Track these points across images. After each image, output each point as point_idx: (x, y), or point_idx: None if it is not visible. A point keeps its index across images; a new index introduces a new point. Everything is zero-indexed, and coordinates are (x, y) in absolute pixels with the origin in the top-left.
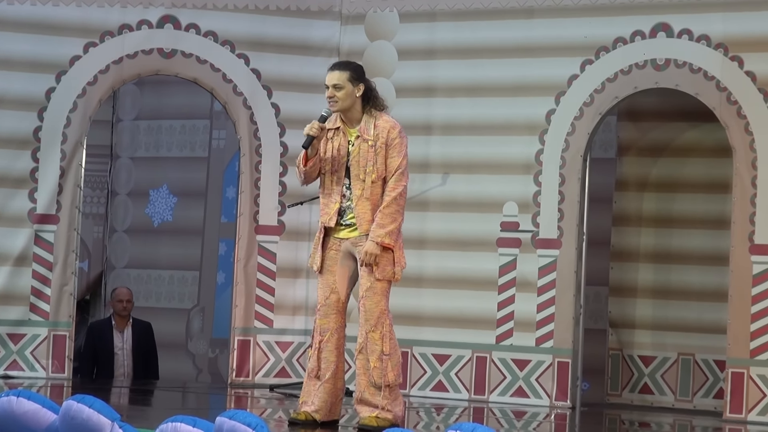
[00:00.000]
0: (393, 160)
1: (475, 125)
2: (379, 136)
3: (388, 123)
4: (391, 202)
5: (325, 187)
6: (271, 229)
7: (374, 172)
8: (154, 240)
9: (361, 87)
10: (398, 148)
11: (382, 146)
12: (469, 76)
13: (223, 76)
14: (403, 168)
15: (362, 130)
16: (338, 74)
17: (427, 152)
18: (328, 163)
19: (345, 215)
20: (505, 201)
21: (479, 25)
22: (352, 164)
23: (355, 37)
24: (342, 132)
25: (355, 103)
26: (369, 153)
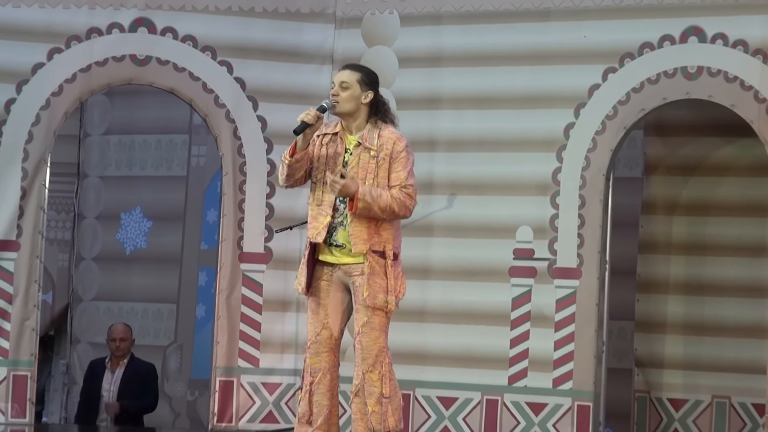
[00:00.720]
0: (398, 174)
1: (485, 140)
2: (383, 147)
3: (394, 134)
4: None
5: (315, 197)
6: (257, 256)
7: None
8: (125, 269)
9: (369, 94)
10: (404, 162)
11: (385, 158)
12: (478, 85)
13: (203, 85)
14: (412, 184)
15: (364, 138)
16: (348, 73)
17: (431, 171)
18: (321, 171)
19: (335, 233)
20: (518, 225)
21: (489, 28)
22: (350, 175)
23: (351, 42)
24: (340, 138)
25: (360, 109)
26: (370, 164)
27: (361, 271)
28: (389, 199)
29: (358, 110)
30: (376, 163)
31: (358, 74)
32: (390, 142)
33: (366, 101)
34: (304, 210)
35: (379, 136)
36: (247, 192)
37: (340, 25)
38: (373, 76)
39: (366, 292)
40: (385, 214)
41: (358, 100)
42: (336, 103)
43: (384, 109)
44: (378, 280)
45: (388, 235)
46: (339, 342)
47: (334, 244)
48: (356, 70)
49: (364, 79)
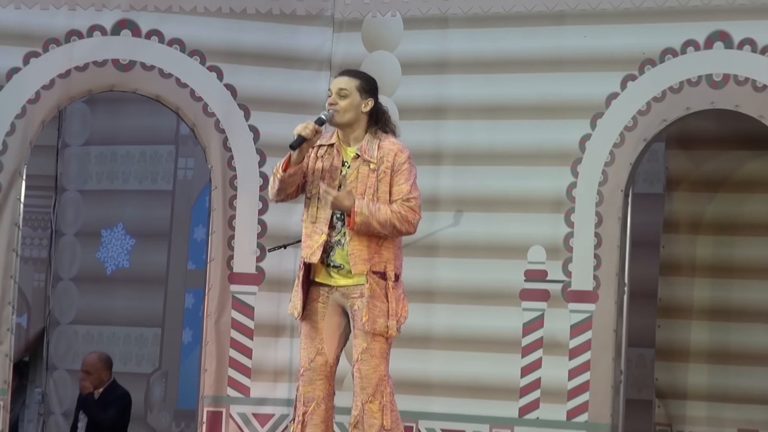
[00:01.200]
0: (400, 188)
1: (495, 153)
2: (383, 159)
3: (395, 146)
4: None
5: (310, 214)
6: (249, 277)
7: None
8: (106, 290)
9: (369, 102)
10: (406, 175)
11: (386, 171)
12: (487, 94)
13: (191, 93)
14: (415, 197)
15: (363, 150)
16: (347, 80)
17: (436, 186)
18: (316, 185)
19: (332, 253)
20: (530, 245)
21: (500, 33)
22: (348, 190)
23: (351, 46)
24: (336, 150)
25: (359, 119)
26: (370, 178)
27: (360, 293)
28: (389, 213)
29: (358, 120)
30: (376, 176)
31: (357, 81)
32: (391, 154)
33: (366, 110)
34: (299, 227)
35: (378, 147)
36: (237, 208)
37: (338, 29)
38: (372, 82)
39: (365, 317)
40: (385, 230)
41: (357, 109)
42: (335, 112)
43: (384, 118)
44: (378, 304)
45: (389, 254)
46: (334, 369)
47: (331, 265)
48: (355, 76)
49: (363, 85)
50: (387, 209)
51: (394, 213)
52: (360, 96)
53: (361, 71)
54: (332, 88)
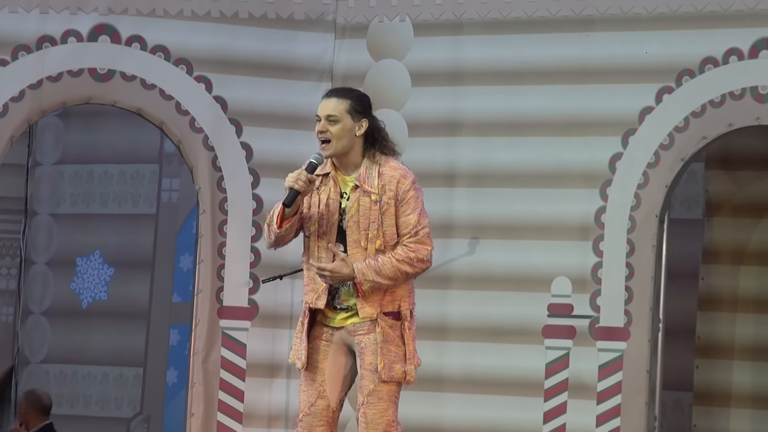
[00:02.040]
0: (407, 219)
1: (515, 174)
2: (385, 188)
3: (398, 171)
4: (403, 265)
5: (311, 255)
6: (240, 311)
7: (380, 237)
8: (82, 325)
9: (363, 124)
10: (413, 203)
11: (390, 202)
12: (507, 108)
13: (176, 105)
14: (425, 226)
15: (362, 179)
16: (335, 103)
17: (449, 210)
18: (314, 222)
19: (338, 295)
20: (554, 276)
21: (520, 40)
22: (349, 225)
23: (355, 55)
24: (333, 180)
25: (354, 144)
26: (372, 211)
27: (367, 329)
28: (394, 263)
29: (352, 145)
30: (379, 208)
31: (346, 102)
32: (393, 181)
33: (360, 133)
34: (296, 256)
35: (379, 174)
36: (228, 234)
37: (341, 35)
38: (364, 100)
39: (381, 364)
40: (399, 281)
41: (351, 134)
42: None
43: (381, 138)
44: (393, 348)
45: (403, 291)
46: (337, 415)
47: (338, 308)
48: (344, 96)
49: (354, 106)
50: (391, 260)
51: (401, 260)
52: (352, 119)
53: (350, 89)
54: (320, 113)
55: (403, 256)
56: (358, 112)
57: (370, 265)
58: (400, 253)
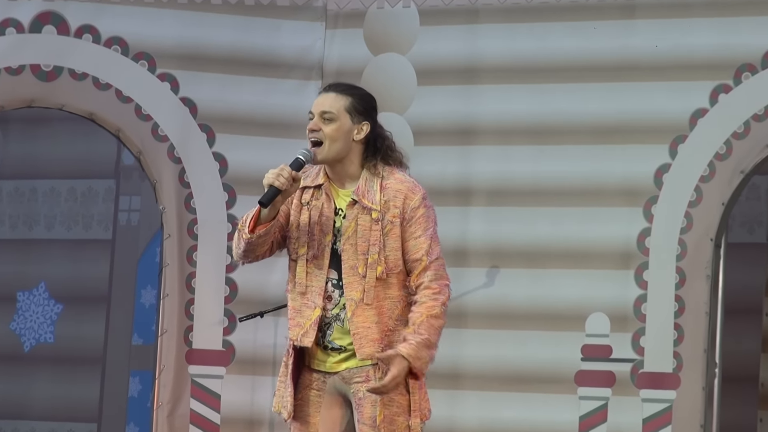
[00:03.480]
0: (417, 243)
1: (542, 190)
2: (389, 204)
3: (405, 184)
4: (438, 316)
5: (298, 282)
6: (213, 356)
7: (381, 263)
8: (24, 372)
9: (364, 127)
10: (423, 223)
11: (394, 221)
12: (532, 111)
13: (136, 109)
14: (438, 254)
15: (361, 193)
16: (333, 98)
17: (464, 233)
18: (302, 244)
19: (329, 331)
20: (589, 312)
21: (547, 29)
22: (345, 248)
23: (349, 47)
24: (326, 194)
25: (352, 150)
26: (373, 231)
27: (365, 376)
28: (433, 324)
29: (349, 152)
30: (381, 228)
31: (346, 98)
32: (400, 195)
33: (360, 137)
34: (280, 288)
35: (382, 187)
36: (198, 263)
37: (333, 24)
38: (368, 99)
39: (380, 416)
40: (440, 334)
41: (348, 138)
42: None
43: (386, 146)
44: (396, 398)
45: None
46: None
47: (328, 347)
48: (344, 92)
49: (355, 105)
50: (428, 321)
51: (437, 315)
52: (351, 119)
53: (353, 85)
54: (314, 110)
55: (435, 308)
56: (360, 113)
57: (418, 342)
58: (428, 304)
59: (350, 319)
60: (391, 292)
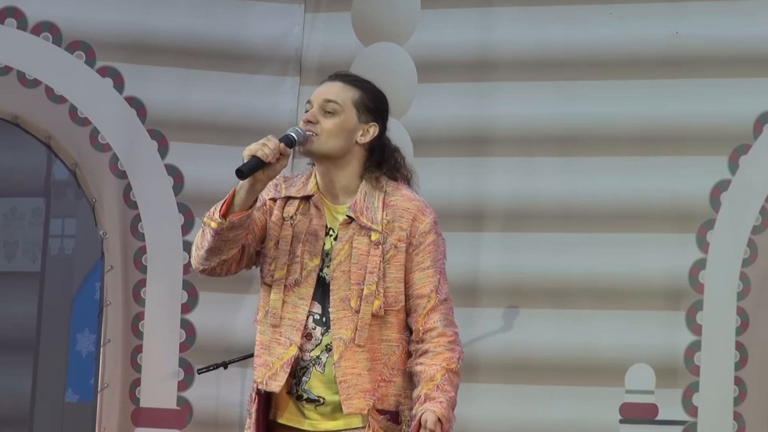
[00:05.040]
0: (424, 276)
1: (570, 212)
2: (393, 226)
3: (413, 203)
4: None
5: (270, 312)
6: (166, 416)
7: (380, 295)
8: None
9: (371, 129)
10: (433, 253)
11: (399, 245)
12: (557, 114)
13: (70, 111)
14: (446, 295)
15: (358, 209)
16: (340, 87)
17: (474, 265)
18: (281, 266)
19: (306, 377)
20: (629, 363)
21: (579, 13)
22: (335, 276)
23: (334, 35)
24: (315, 207)
25: (352, 153)
26: (371, 256)
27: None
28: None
29: (349, 155)
30: (381, 253)
31: (355, 91)
32: (407, 215)
33: (364, 140)
34: (249, 332)
35: (384, 205)
36: (148, 301)
37: (314, 6)
38: (380, 98)
39: None
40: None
41: (350, 137)
42: (311, 135)
43: (393, 159)
44: None
45: (403, 381)
46: None
47: (303, 397)
48: (354, 84)
49: (365, 100)
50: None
51: (456, 370)
52: (357, 116)
53: (365, 80)
54: (314, 98)
55: (453, 361)
56: (369, 111)
57: (448, 401)
58: (446, 355)
59: (337, 362)
60: (389, 333)
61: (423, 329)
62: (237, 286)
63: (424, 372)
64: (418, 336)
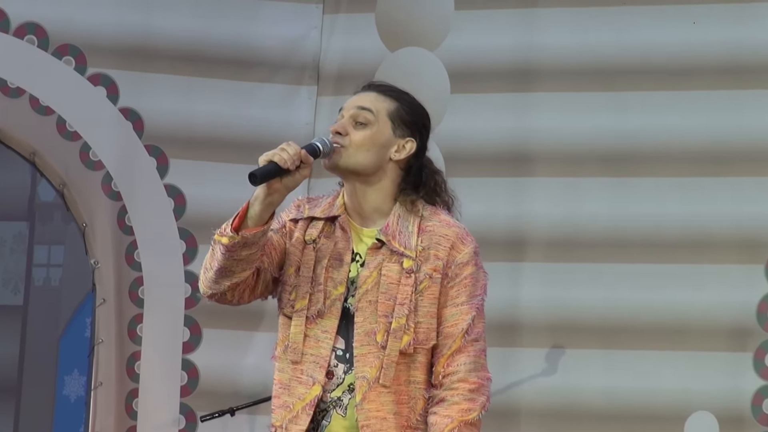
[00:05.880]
0: (457, 312)
1: (622, 239)
2: (429, 253)
3: (453, 229)
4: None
5: (291, 347)
6: None
7: (410, 331)
8: None
9: (408, 144)
10: (470, 287)
11: (435, 276)
12: (611, 129)
13: (58, 124)
14: (478, 335)
15: (390, 232)
16: (374, 97)
17: (515, 299)
18: (302, 295)
19: (326, 421)
20: (689, 411)
21: (632, 16)
22: (360, 306)
23: (357, 39)
24: (341, 228)
25: (384, 172)
26: (403, 286)
27: None
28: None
29: (381, 172)
30: (413, 284)
31: (391, 102)
32: (445, 243)
33: (399, 156)
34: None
35: (420, 229)
36: (145, 340)
37: (333, 7)
38: (420, 111)
39: None
40: None
41: (383, 152)
42: (338, 146)
43: (433, 181)
44: None
45: None
46: None
47: None
48: (390, 94)
49: (401, 113)
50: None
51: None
52: (392, 129)
53: (403, 90)
54: (346, 108)
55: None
56: (406, 125)
57: None
58: (463, 406)
59: (360, 404)
60: (417, 374)
61: (444, 372)
62: (245, 323)
63: (435, 424)
64: (438, 380)
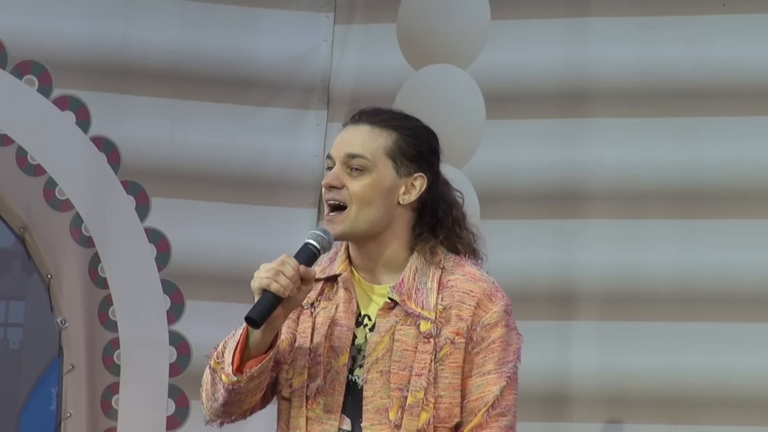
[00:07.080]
0: (483, 382)
1: (693, 294)
2: (450, 314)
3: (479, 284)
4: None
5: (292, 428)
6: None
7: (429, 407)
8: None
9: (417, 182)
10: (499, 353)
11: (456, 340)
12: (679, 162)
13: (18, 156)
14: (507, 408)
15: (405, 290)
16: (366, 134)
17: (563, 365)
18: (299, 370)
19: None
20: None
21: (702, 27)
22: (370, 378)
23: (373, 55)
24: (344, 289)
25: (395, 221)
26: (420, 353)
27: None
28: None
29: (393, 223)
30: (433, 351)
31: (388, 135)
32: (470, 300)
33: (408, 199)
34: None
35: (441, 285)
36: (121, 413)
37: (346, 17)
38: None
39: None
40: None
41: (389, 200)
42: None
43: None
44: None
45: None
46: None
47: None
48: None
49: (401, 146)
50: None
51: None
52: (395, 169)
53: (400, 113)
54: (334, 153)
55: None
56: (410, 159)
57: None
58: None
59: None
60: None
61: None
62: None
63: None
64: None
